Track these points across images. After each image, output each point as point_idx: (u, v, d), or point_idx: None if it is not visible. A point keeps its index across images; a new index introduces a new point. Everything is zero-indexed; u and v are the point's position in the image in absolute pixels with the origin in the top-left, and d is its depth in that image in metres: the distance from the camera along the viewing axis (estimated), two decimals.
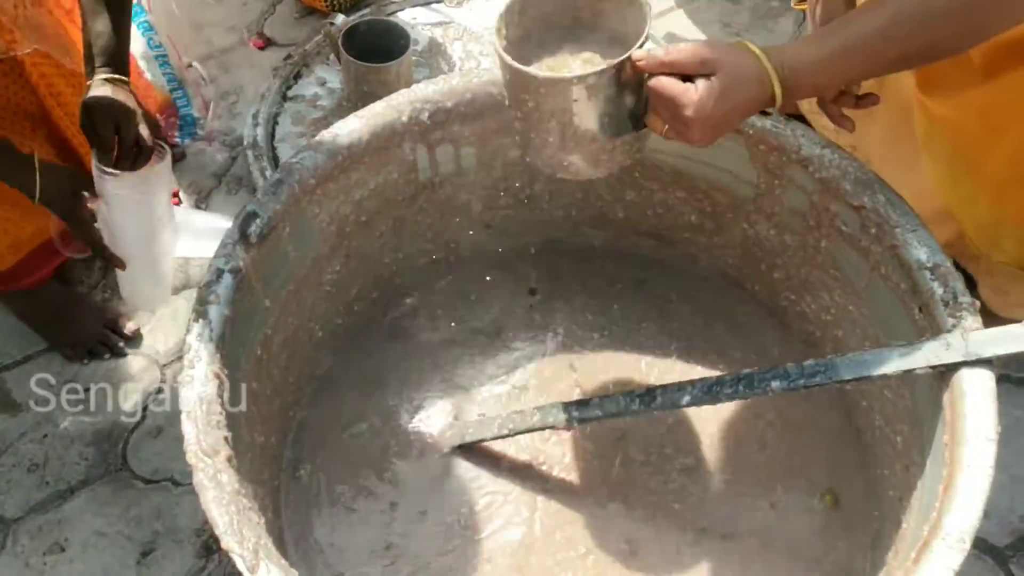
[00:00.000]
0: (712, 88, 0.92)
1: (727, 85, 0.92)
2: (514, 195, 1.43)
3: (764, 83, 0.93)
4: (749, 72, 0.93)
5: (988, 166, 1.20)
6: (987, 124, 1.17)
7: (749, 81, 0.93)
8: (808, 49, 0.94)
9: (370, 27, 1.91)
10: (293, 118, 1.91)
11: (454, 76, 1.29)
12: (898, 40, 0.91)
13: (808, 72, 0.93)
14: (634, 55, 0.96)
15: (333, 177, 1.21)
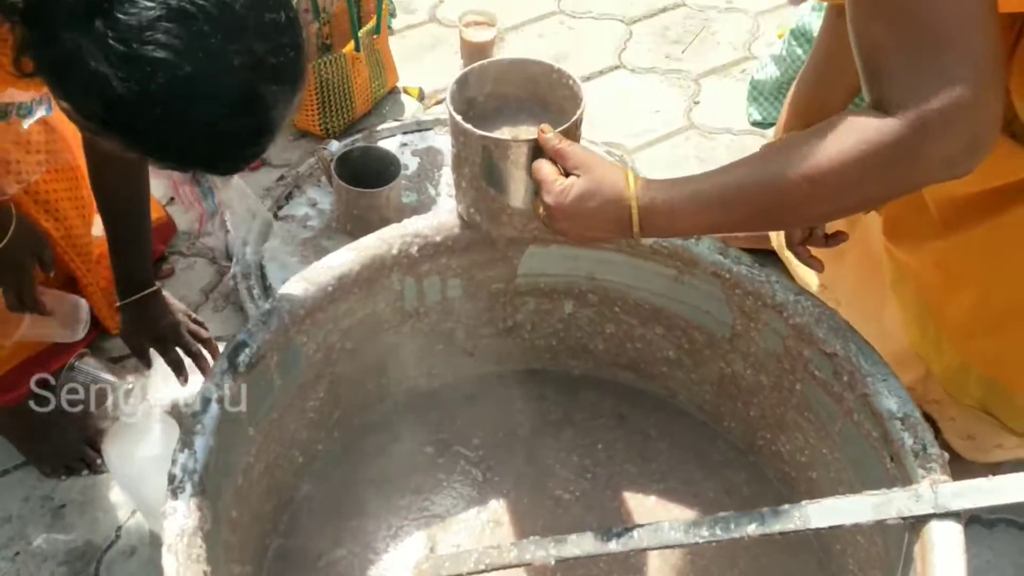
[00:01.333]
0: (574, 185, 1.01)
1: (587, 188, 1.00)
2: (497, 324, 1.46)
3: (622, 203, 0.99)
4: (612, 187, 1.00)
5: (951, 315, 1.24)
6: (948, 275, 1.22)
7: (609, 195, 1.00)
8: (674, 188, 0.99)
9: (362, 153, 1.98)
10: (283, 237, 1.95)
11: (443, 212, 1.33)
12: (743, 203, 0.95)
13: (666, 208, 0.98)
14: (541, 133, 1.07)
15: (323, 308, 1.24)
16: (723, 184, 0.97)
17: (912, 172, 0.85)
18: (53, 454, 1.52)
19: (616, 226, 1.01)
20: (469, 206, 1.21)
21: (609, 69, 2.51)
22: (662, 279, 1.33)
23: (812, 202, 0.91)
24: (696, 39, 2.60)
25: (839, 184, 0.88)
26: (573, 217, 1.02)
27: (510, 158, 1.10)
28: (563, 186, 1.01)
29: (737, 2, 2.71)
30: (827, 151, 0.88)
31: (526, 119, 1.21)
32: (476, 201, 1.19)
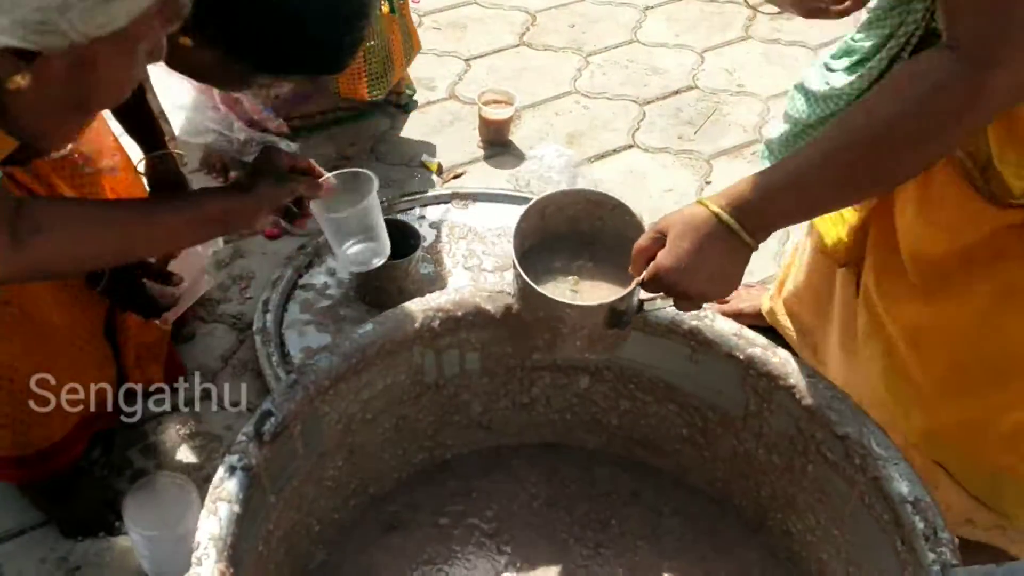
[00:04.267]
0: (670, 242, 1.04)
1: (681, 232, 1.03)
2: (513, 398, 1.49)
3: (715, 221, 1.02)
4: (699, 217, 1.03)
5: (918, 379, 1.28)
6: (919, 340, 1.26)
7: (701, 223, 1.03)
8: (762, 176, 1.03)
9: None
10: (302, 306, 1.99)
11: (465, 288, 1.38)
12: (832, 161, 0.99)
13: (759, 197, 1.01)
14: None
15: (345, 378, 1.27)
16: (810, 153, 1.01)
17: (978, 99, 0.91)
18: (74, 513, 1.53)
19: (725, 247, 1.03)
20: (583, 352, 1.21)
21: (623, 148, 2.57)
22: (677, 358, 1.36)
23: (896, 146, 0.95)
24: (708, 121, 2.67)
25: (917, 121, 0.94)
26: (683, 269, 1.03)
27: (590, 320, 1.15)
28: (663, 252, 1.05)
29: (748, 86, 2.79)
30: (900, 92, 0.95)
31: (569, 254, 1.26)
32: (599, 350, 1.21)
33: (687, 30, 3.05)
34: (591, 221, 1.26)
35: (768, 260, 2.21)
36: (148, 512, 1.38)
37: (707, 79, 2.83)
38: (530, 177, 2.43)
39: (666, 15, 3.13)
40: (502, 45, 2.97)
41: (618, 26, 3.07)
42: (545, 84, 2.79)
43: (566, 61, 2.90)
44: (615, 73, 2.86)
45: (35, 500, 1.56)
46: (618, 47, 2.98)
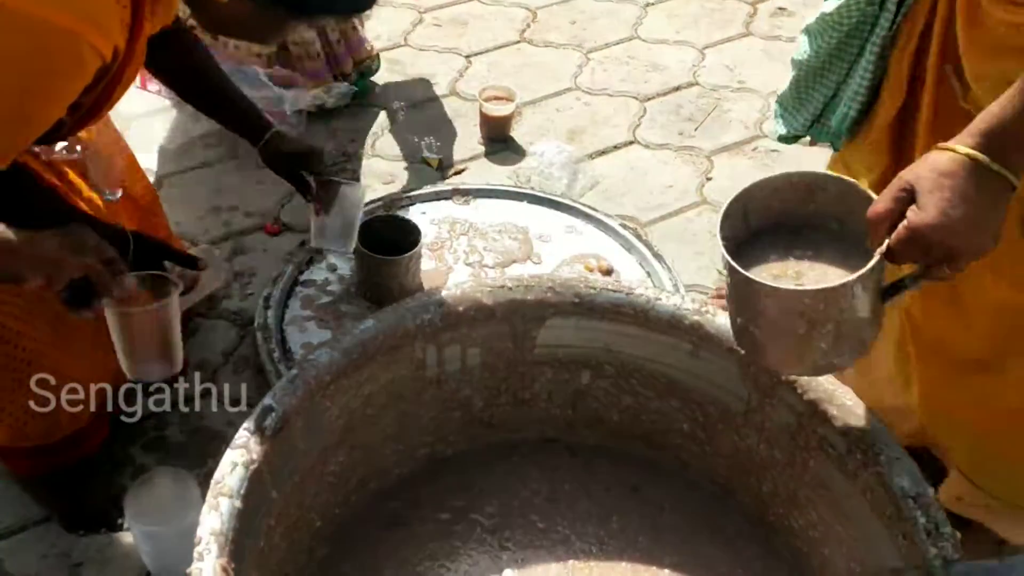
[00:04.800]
0: (924, 197, 0.92)
1: (934, 184, 0.92)
2: (514, 393, 1.49)
3: (972, 165, 0.92)
4: (951, 164, 0.92)
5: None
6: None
7: (957, 169, 0.92)
8: (1006, 106, 0.91)
9: (383, 222, 2.03)
10: (303, 302, 1.99)
11: (466, 283, 1.37)
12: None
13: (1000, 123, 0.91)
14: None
15: (346, 374, 1.27)
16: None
17: None
18: (76, 510, 1.54)
19: (990, 191, 0.92)
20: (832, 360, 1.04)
21: (624, 144, 2.57)
22: (678, 353, 1.36)
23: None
24: (708, 117, 2.67)
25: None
26: (947, 225, 0.92)
27: (874, 281, 0.99)
28: (922, 211, 0.93)
29: (749, 82, 2.79)
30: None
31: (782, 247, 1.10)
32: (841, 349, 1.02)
33: (688, 26, 3.05)
34: (797, 206, 1.10)
35: None
36: (150, 508, 1.38)
37: (708, 75, 2.83)
38: (531, 173, 2.43)
39: (667, 11, 3.13)
40: (503, 42, 2.97)
41: (619, 22, 3.07)
42: (546, 80, 2.79)
43: (567, 58, 2.90)
44: (616, 69, 2.86)
45: (38, 495, 1.56)
46: (619, 43, 2.97)
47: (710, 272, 2.18)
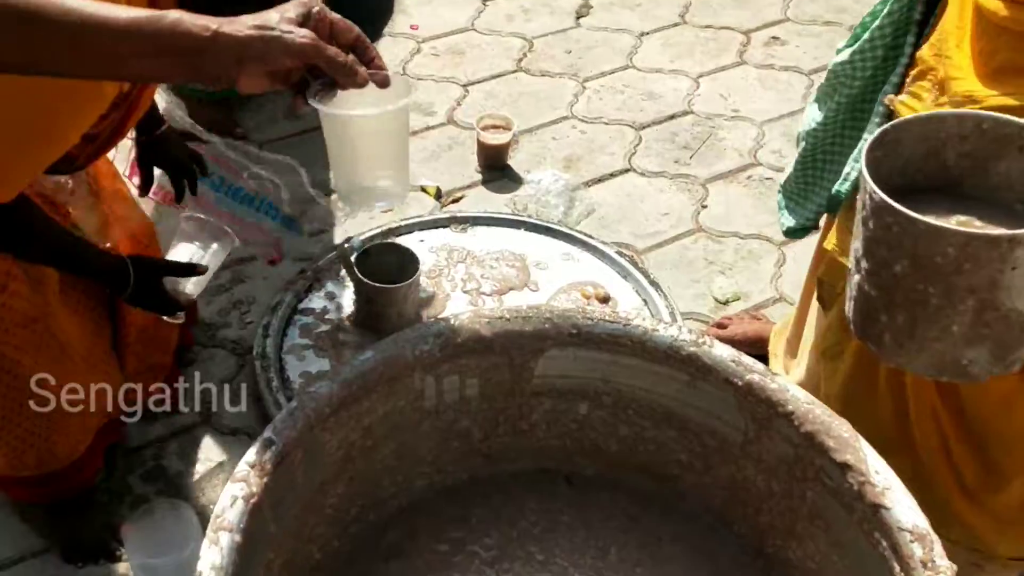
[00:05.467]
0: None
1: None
2: (513, 424, 1.49)
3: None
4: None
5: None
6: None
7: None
8: None
9: (382, 249, 2.04)
10: (301, 330, 2.00)
11: (464, 313, 1.38)
12: None
13: None
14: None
15: (346, 406, 1.28)
16: None
17: None
18: (76, 540, 1.54)
19: None
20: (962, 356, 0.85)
21: (619, 172, 2.59)
22: (676, 383, 1.37)
23: None
24: (703, 145, 2.70)
25: None
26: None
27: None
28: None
29: (743, 111, 2.82)
30: None
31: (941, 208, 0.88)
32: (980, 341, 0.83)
33: (682, 56, 3.08)
34: (964, 162, 0.87)
35: (766, 284, 2.22)
36: (148, 539, 1.38)
37: (702, 104, 2.86)
38: (528, 201, 2.45)
39: (661, 41, 3.16)
40: (500, 71, 3.00)
41: (614, 52, 3.10)
42: (542, 109, 2.82)
43: (563, 86, 2.93)
44: (611, 98, 2.88)
45: (37, 525, 1.56)
46: (614, 72, 3.01)
47: (707, 300, 2.19)
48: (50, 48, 0.82)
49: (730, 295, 2.20)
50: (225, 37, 0.82)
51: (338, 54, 0.86)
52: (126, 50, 0.82)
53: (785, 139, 2.64)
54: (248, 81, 0.84)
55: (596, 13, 3.27)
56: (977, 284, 0.78)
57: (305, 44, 0.83)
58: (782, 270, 2.25)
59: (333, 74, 0.87)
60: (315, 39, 0.85)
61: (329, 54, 0.85)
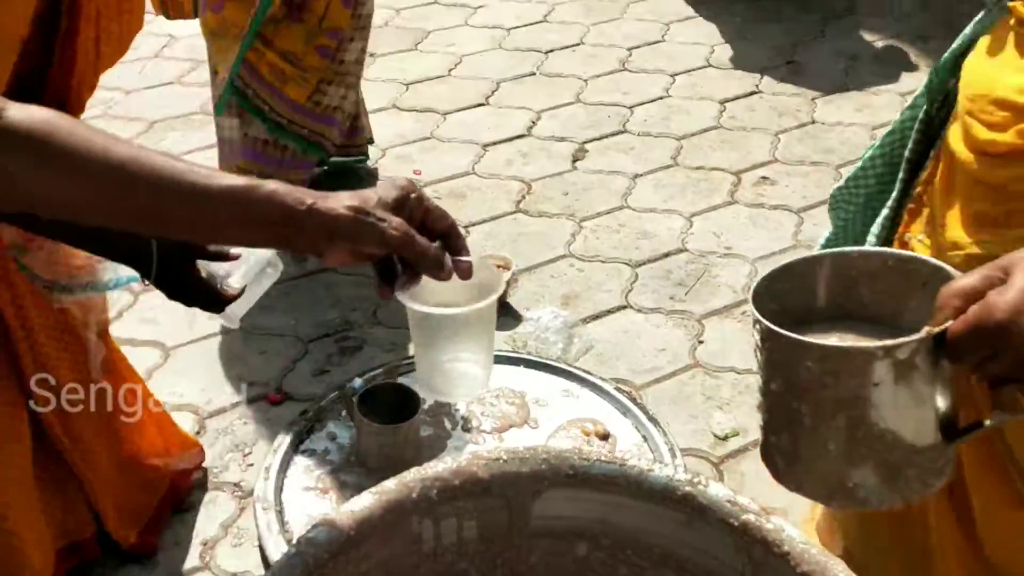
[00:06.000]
0: (1015, 279, 0.71)
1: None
2: (511, 567, 1.48)
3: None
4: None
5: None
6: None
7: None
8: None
9: (383, 390, 2.07)
10: (303, 471, 2.01)
11: (463, 456, 1.40)
12: None
13: None
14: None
15: (344, 551, 1.28)
16: None
17: None
18: None
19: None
20: (846, 477, 0.82)
21: (616, 309, 2.65)
22: (673, 523, 1.37)
23: None
24: (698, 282, 2.77)
25: None
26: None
27: (915, 373, 0.75)
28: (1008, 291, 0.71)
29: (735, 248, 2.90)
30: None
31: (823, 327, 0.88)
32: (859, 461, 0.80)
33: (675, 196, 3.20)
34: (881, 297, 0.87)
35: None
36: None
37: (696, 242, 2.95)
38: (527, 338, 2.50)
39: (655, 182, 3.29)
40: (500, 212, 3.11)
41: (609, 193, 3.22)
42: (541, 248, 2.91)
43: (560, 226, 3.03)
44: (607, 237, 2.98)
45: None
46: (610, 212, 3.11)
47: (706, 435, 2.21)
48: (145, 214, 0.84)
49: (729, 431, 2.22)
50: (320, 214, 0.82)
51: (427, 248, 0.86)
52: (221, 217, 0.83)
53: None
54: (335, 256, 0.85)
55: (591, 156, 3.41)
56: (843, 400, 0.77)
57: (395, 237, 0.84)
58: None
59: (418, 267, 0.88)
60: (407, 231, 0.85)
61: (418, 249, 0.86)
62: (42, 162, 0.80)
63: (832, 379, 0.76)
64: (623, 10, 4.68)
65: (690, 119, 3.60)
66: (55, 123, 0.82)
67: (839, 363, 0.76)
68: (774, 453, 0.90)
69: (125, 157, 0.83)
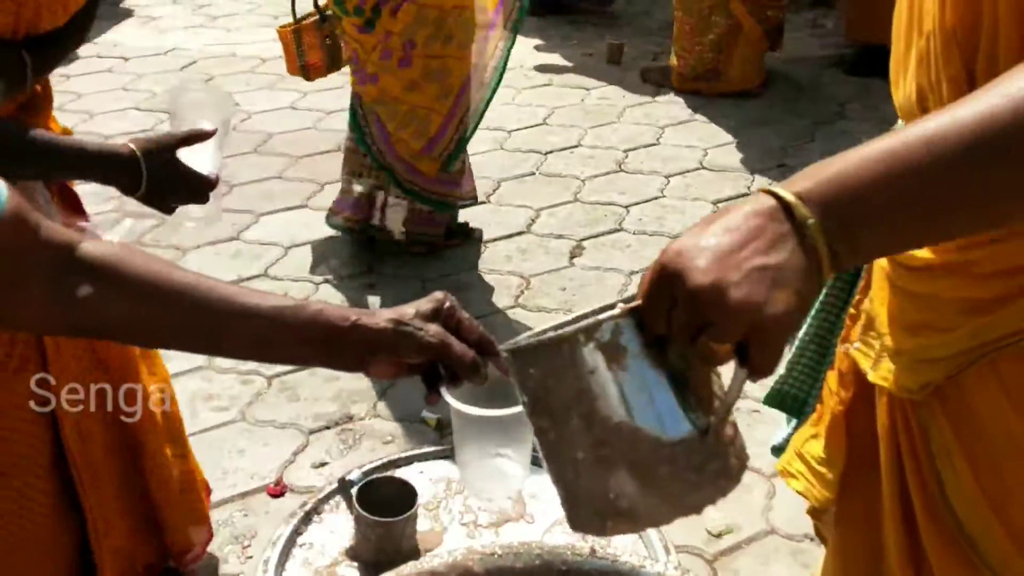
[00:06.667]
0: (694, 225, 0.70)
1: (715, 216, 0.70)
2: None
3: (762, 195, 0.71)
4: (747, 204, 0.70)
5: None
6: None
7: (743, 204, 0.70)
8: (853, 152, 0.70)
9: (381, 483, 2.11)
10: (302, 564, 2.03)
11: (458, 551, 1.44)
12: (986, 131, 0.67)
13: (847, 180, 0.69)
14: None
15: None
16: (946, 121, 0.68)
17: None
18: None
19: (773, 228, 0.68)
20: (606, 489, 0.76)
21: None
22: None
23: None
24: None
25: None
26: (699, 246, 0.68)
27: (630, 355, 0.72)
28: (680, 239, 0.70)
29: None
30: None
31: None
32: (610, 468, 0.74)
33: None
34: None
35: (757, 516, 2.25)
36: None
37: None
38: None
39: None
40: (500, 307, 3.18)
41: (605, 289, 3.30)
42: None
43: (558, 321, 3.09)
44: None
45: None
46: None
47: (699, 532, 2.23)
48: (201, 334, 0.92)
49: (723, 528, 2.24)
50: (362, 328, 0.89)
51: (465, 353, 0.92)
52: (271, 337, 0.89)
53: None
54: (379, 370, 0.92)
55: (588, 253, 3.50)
56: (570, 398, 0.74)
57: (434, 343, 0.90)
58: (772, 502, 2.29)
59: (457, 371, 0.93)
60: (444, 337, 0.91)
61: (456, 353, 0.92)
62: (113, 289, 0.88)
63: (554, 380, 0.75)
64: (619, 114, 4.85)
65: (684, 218, 3.71)
66: (123, 254, 0.91)
67: (550, 359, 0.74)
68: (562, 506, 0.84)
69: (186, 283, 0.91)
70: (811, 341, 1.56)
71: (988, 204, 0.69)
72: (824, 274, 0.68)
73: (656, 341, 0.72)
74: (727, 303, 0.66)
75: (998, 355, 1.04)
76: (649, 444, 0.73)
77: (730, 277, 0.66)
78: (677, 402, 0.73)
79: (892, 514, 1.22)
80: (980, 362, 1.05)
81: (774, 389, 1.67)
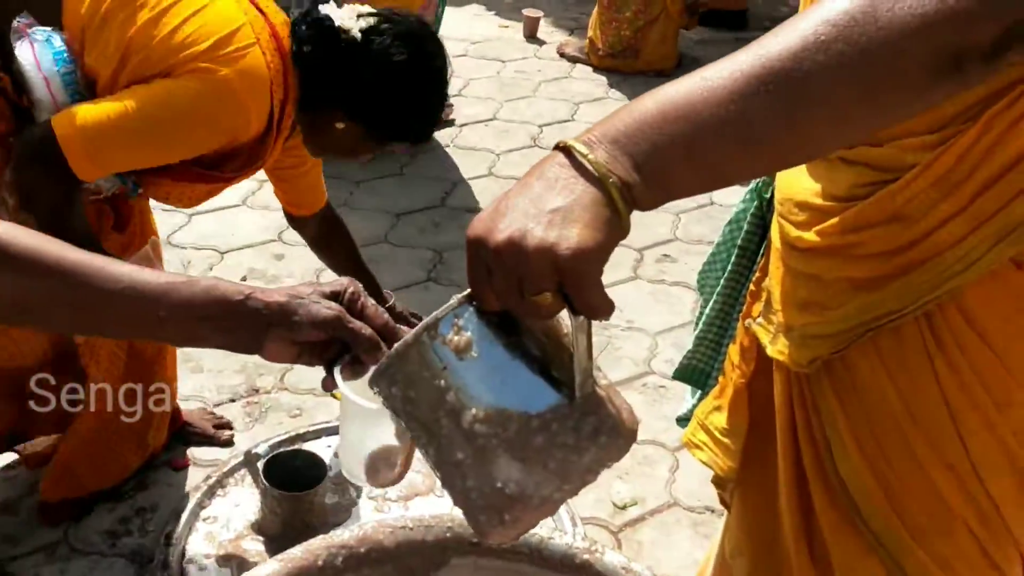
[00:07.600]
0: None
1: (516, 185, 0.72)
2: None
3: (555, 154, 0.73)
4: (542, 161, 0.73)
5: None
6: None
7: (542, 161, 0.73)
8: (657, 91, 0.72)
9: (288, 456, 2.08)
10: (205, 538, 1.99)
11: (368, 524, 1.44)
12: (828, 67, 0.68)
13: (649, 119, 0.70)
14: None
15: None
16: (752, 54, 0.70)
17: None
18: None
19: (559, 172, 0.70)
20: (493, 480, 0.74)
21: None
22: None
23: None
24: (601, 354, 2.86)
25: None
26: (496, 209, 0.71)
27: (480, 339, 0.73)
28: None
29: (637, 322, 3.02)
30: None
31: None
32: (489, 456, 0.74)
33: None
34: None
35: (661, 489, 2.30)
36: None
37: None
38: None
39: None
40: (413, 280, 3.16)
41: None
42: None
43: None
44: None
45: None
46: None
47: (606, 504, 2.28)
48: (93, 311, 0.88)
49: (628, 500, 2.29)
50: (255, 300, 0.86)
51: (362, 328, 0.87)
52: (163, 313, 0.86)
53: (676, 349, 2.83)
54: (275, 348, 0.87)
55: None
56: (433, 400, 0.75)
57: (329, 316, 0.86)
58: (676, 475, 2.36)
59: (356, 348, 0.88)
60: (340, 311, 0.87)
61: (352, 327, 0.87)
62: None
63: (414, 390, 0.75)
64: (535, 88, 4.86)
65: None
66: (9, 229, 0.87)
67: (404, 369, 0.75)
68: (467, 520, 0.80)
69: (75, 260, 0.87)
70: (716, 316, 1.61)
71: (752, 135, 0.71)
72: (619, 204, 0.70)
73: (499, 320, 0.73)
74: (525, 251, 0.68)
75: (878, 332, 1.10)
76: (518, 421, 0.73)
77: (524, 226, 0.68)
78: (536, 373, 0.74)
79: (787, 482, 1.28)
80: (863, 338, 1.11)
81: (682, 364, 1.72)
